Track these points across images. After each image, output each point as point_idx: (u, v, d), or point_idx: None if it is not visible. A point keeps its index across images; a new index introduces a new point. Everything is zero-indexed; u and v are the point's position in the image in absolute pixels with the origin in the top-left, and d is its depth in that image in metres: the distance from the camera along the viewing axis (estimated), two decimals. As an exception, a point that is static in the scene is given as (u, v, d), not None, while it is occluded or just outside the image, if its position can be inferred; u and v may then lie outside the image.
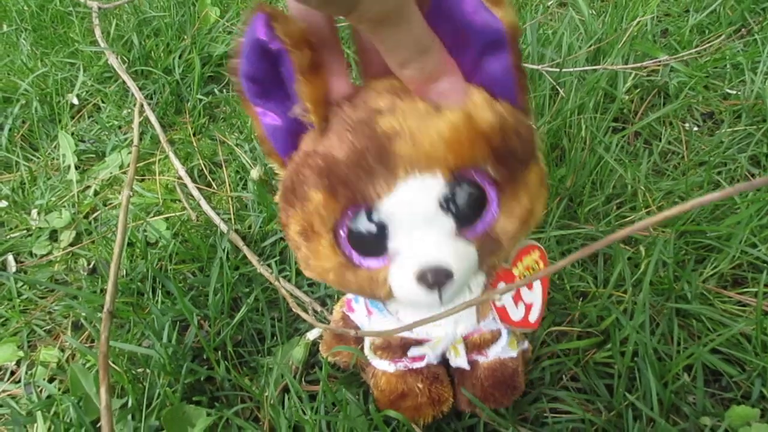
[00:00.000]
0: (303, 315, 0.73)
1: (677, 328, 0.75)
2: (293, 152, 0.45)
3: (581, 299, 0.81)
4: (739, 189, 0.26)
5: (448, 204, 0.43)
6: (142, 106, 1.18)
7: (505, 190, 0.44)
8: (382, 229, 0.44)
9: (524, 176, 0.44)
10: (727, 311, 0.78)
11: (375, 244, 0.44)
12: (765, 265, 0.82)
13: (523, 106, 0.44)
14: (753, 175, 0.98)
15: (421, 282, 0.43)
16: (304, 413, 0.68)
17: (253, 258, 0.87)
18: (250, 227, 0.96)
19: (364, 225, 0.44)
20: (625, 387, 0.69)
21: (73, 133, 1.18)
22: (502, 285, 0.57)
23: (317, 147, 0.42)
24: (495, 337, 0.64)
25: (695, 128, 1.11)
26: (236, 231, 0.94)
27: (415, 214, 0.42)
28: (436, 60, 0.40)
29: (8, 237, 1.01)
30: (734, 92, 1.15)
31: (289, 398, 0.71)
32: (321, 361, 0.73)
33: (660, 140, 1.07)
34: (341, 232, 0.45)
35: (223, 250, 0.86)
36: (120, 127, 1.20)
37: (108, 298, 0.63)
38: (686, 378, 0.71)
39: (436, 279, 0.43)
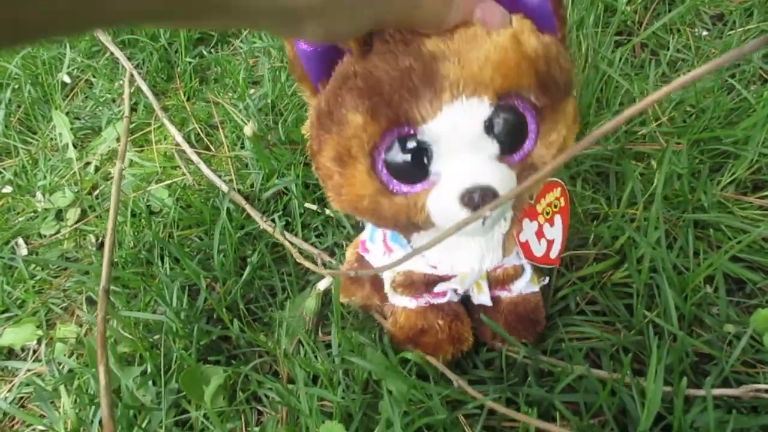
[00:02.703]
0: (308, 264, 0.72)
1: (695, 240, 0.72)
2: (325, 79, 0.44)
3: (594, 222, 0.79)
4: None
5: (492, 128, 0.42)
6: (132, 76, 1.15)
7: (545, 118, 0.43)
8: (424, 152, 0.43)
9: (563, 106, 0.44)
10: (747, 217, 0.75)
11: (415, 168, 0.43)
12: (785, 165, 0.78)
13: (561, 37, 0.43)
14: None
15: (466, 203, 0.42)
16: (319, 361, 0.68)
17: (256, 215, 0.86)
18: (252, 186, 0.94)
19: (404, 149, 0.43)
20: (644, 305, 0.67)
21: (68, 112, 1.16)
22: (526, 222, 0.57)
23: (357, 68, 0.41)
24: (517, 272, 0.64)
25: (704, 32, 1.06)
26: (238, 191, 0.93)
27: (459, 136, 0.41)
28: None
29: (16, 221, 1.01)
30: (744, -11, 1.09)
31: (303, 349, 0.71)
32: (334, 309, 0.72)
33: (667, 49, 1.01)
34: (380, 157, 0.43)
35: (225, 211, 0.85)
36: (114, 100, 1.18)
37: (103, 276, 0.63)
38: (708, 289, 0.69)
39: (481, 199, 0.42)
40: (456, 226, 0.41)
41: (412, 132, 0.42)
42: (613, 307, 0.70)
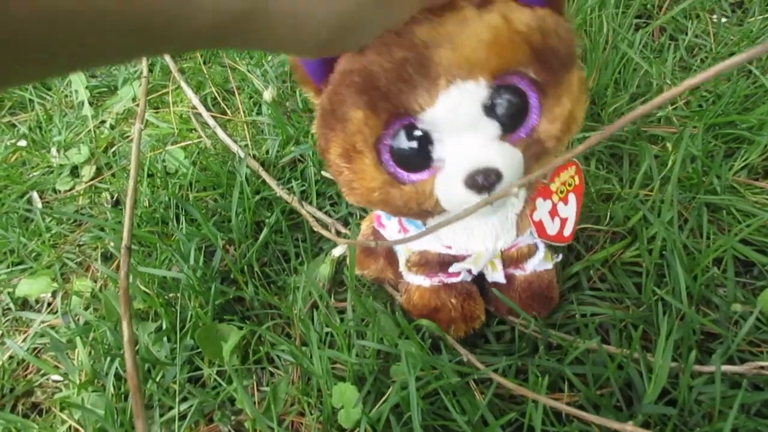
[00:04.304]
0: (323, 232, 0.73)
1: (707, 223, 0.73)
2: (327, 78, 0.44)
3: (607, 201, 0.80)
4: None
5: (491, 108, 0.42)
6: (149, 36, 1.15)
7: (547, 93, 0.43)
8: (426, 140, 0.43)
9: (566, 79, 0.44)
10: (758, 202, 0.76)
11: (419, 156, 0.44)
12: (798, 153, 0.79)
13: (560, 9, 0.43)
14: (786, 63, 0.93)
15: (471, 185, 0.43)
16: (333, 324, 0.69)
17: (272, 182, 0.87)
18: (267, 152, 0.95)
19: (406, 138, 0.44)
20: (653, 283, 0.68)
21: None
22: (540, 201, 0.58)
23: (354, 65, 0.41)
24: (531, 251, 0.65)
25: (724, 19, 1.06)
26: (254, 156, 0.93)
27: (459, 121, 0.42)
28: None
29: (31, 175, 1.02)
30: (766, -23, 1.09)
31: (318, 313, 0.72)
32: (348, 277, 0.73)
33: (686, 34, 1.02)
34: (384, 149, 0.44)
35: (243, 176, 0.86)
36: (129, 60, 1.18)
37: (125, 233, 0.63)
38: (716, 270, 0.70)
39: (485, 180, 0.42)
40: (465, 211, 0.42)
41: (412, 121, 0.43)
42: (624, 284, 0.71)
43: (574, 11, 1.00)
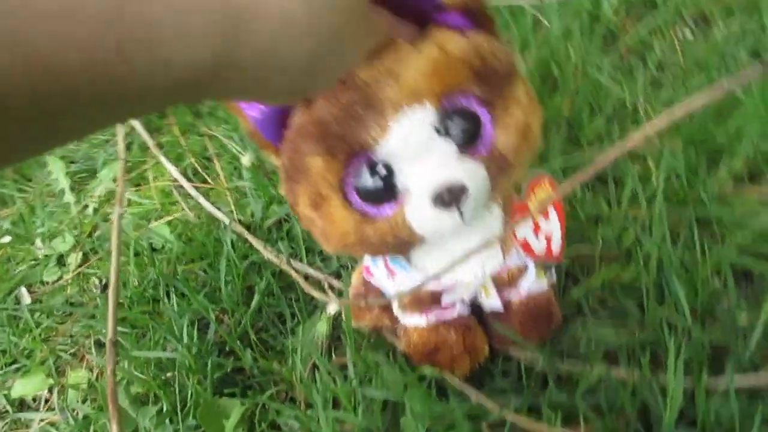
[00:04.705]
0: (314, 293, 0.72)
1: (699, 236, 0.72)
2: (283, 138, 0.45)
3: (596, 224, 0.79)
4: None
5: (444, 129, 0.43)
6: (124, 116, 1.16)
7: (495, 106, 0.45)
8: (387, 172, 0.44)
9: (511, 91, 0.45)
10: (747, 209, 0.75)
11: (384, 189, 0.45)
12: (780, 154, 0.79)
13: (492, 30, 0.45)
14: (753, 68, 0.94)
15: (438, 203, 0.43)
16: (336, 384, 0.67)
17: (258, 245, 0.86)
18: (252, 215, 0.94)
19: (367, 175, 0.44)
20: (655, 302, 0.67)
21: (62, 156, 1.16)
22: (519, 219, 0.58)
23: (306, 118, 0.42)
24: (521, 271, 0.63)
25: (689, 35, 1.07)
26: (239, 221, 0.93)
27: (413, 146, 0.43)
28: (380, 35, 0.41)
29: (17, 270, 1.01)
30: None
31: (319, 374, 0.70)
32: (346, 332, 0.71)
33: (654, 52, 1.03)
34: (350, 189, 0.45)
35: (229, 243, 0.85)
36: (107, 141, 1.19)
37: (109, 326, 0.62)
38: (716, 283, 0.69)
39: (451, 196, 0.43)
40: (465, 255, 0.44)
41: (370, 156, 0.44)
42: (625, 306, 0.70)
43: (540, 43, 1.02)
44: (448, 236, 0.49)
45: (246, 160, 0.91)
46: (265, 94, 0.37)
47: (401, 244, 0.48)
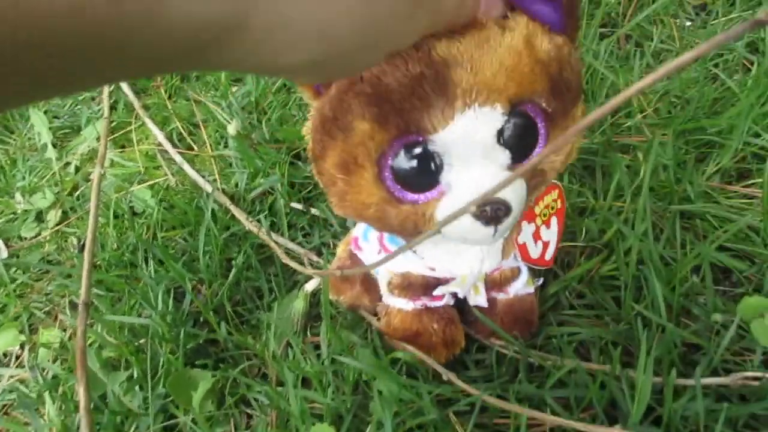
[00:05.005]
0: (295, 265, 0.71)
1: (682, 231, 0.72)
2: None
3: (582, 215, 0.78)
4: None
5: (504, 137, 0.41)
6: (111, 74, 1.13)
7: (556, 123, 0.42)
8: (435, 162, 0.41)
9: (574, 111, 0.43)
10: (733, 206, 0.75)
11: (424, 177, 0.42)
12: (769, 154, 0.78)
13: (573, 37, 0.42)
14: (751, 63, 0.93)
15: (479, 216, 0.41)
16: (308, 362, 0.67)
17: (241, 216, 0.85)
18: (236, 185, 0.93)
19: (413, 158, 0.41)
20: (632, 297, 0.67)
21: (46, 111, 1.14)
22: (525, 224, 0.57)
23: (364, 73, 0.38)
24: (514, 274, 0.63)
25: (688, 23, 1.06)
26: (222, 191, 0.91)
27: (472, 146, 0.40)
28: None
29: (-5, 224, 1.00)
30: (725, -22, 1.09)
31: (292, 351, 0.70)
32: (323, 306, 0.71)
33: (652, 40, 1.01)
34: (386, 165, 0.42)
35: (211, 211, 0.84)
36: (93, 99, 1.16)
37: (83, 288, 0.61)
38: (695, 279, 0.69)
39: (495, 213, 0.41)
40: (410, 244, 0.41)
41: (421, 140, 0.41)
42: (602, 300, 0.70)
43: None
44: (476, 242, 0.47)
45: (232, 128, 0.90)
46: (280, 67, 0.30)
47: (418, 232, 0.46)
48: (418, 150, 0.41)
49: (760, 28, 0.91)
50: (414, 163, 0.42)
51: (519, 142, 0.41)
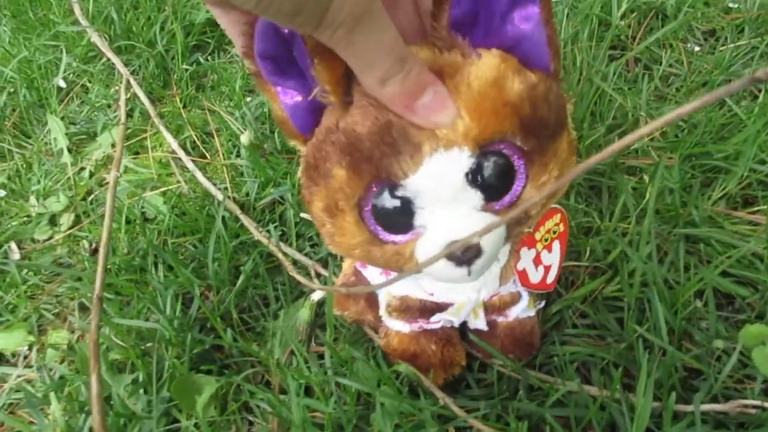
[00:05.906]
0: (302, 279, 0.72)
1: (686, 255, 0.73)
2: (314, 130, 0.43)
3: (587, 235, 0.79)
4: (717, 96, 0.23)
5: (475, 178, 0.41)
6: (128, 82, 1.16)
7: (533, 160, 0.42)
8: (408, 206, 0.42)
9: (554, 146, 0.42)
10: (738, 232, 0.76)
11: (400, 220, 0.43)
12: (775, 181, 0.79)
13: (554, 71, 0.42)
14: (759, 90, 0.94)
15: (450, 258, 0.42)
16: (311, 372, 0.68)
17: (250, 225, 0.86)
18: (247, 194, 0.95)
19: (388, 201, 0.42)
20: (634, 319, 0.68)
21: (63, 117, 1.16)
22: (524, 250, 0.57)
23: (339, 123, 0.40)
24: (514, 299, 0.64)
25: (697, 48, 1.07)
26: (233, 199, 0.93)
27: (441, 190, 0.40)
28: (418, 68, 0.37)
29: (9, 225, 1.01)
30: (736, 5, 1.10)
31: (296, 360, 0.71)
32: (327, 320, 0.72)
33: (660, 64, 1.02)
34: (366, 209, 0.43)
35: (221, 219, 0.85)
36: (109, 106, 1.18)
37: (97, 284, 0.62)
38: (698, 304, 0.69)
39: (465, 256, 0.41)
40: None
41: (393, 185, 0.41)
42: (604, 320, 0.70)
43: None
44: (451, 281, 0.47)
45: (245, 138, 0.91)
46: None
47: (405, 270, 0.46)
48: (390, 195, 0.42)
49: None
50: (388, 206, 0.42)
51: (491, 182, 0.41)
